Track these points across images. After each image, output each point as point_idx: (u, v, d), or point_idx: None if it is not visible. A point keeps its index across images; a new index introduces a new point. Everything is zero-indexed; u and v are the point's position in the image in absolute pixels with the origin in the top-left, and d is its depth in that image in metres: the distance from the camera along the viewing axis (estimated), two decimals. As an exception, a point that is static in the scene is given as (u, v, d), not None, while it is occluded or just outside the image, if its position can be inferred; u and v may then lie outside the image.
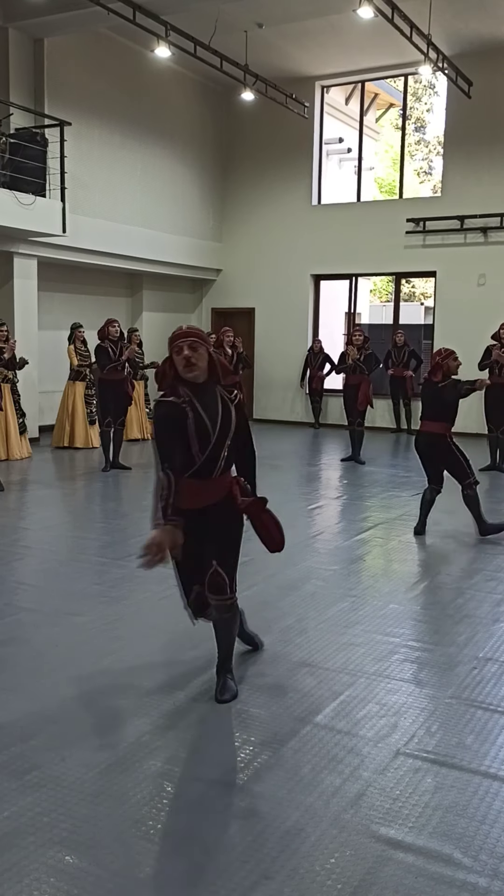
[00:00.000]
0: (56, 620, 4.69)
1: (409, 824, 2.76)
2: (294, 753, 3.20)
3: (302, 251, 14.92)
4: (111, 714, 3.52)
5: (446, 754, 3.22)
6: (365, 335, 10.56)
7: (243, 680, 3.87)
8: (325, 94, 15.18)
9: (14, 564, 5.90)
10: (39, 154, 10.83)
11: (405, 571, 5.94)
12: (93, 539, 6.75)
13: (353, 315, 15.40)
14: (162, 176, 14.14)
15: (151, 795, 2.90)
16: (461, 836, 2.69)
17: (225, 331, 10.53)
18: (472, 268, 13.46)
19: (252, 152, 15.28)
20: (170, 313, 15.25)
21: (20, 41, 11.27)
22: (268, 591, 5.27)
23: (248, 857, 2.57)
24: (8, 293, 11.44)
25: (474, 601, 5.13)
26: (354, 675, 3.96)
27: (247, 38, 11.76)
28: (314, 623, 4.69)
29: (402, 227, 13.99)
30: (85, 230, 11.92)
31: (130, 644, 4.34)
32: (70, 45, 11.85)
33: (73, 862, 2.54)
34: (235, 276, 15.65)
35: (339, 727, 3.42)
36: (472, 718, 3.53)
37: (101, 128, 12.69)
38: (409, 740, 3.33)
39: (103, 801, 2.87)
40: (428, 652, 4.28)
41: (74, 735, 3.33)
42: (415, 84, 21.57)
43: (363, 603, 5.05)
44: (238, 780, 3.01)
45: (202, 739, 3.31)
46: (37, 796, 2.88)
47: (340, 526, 7.33)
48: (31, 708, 3.58)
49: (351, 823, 2.76)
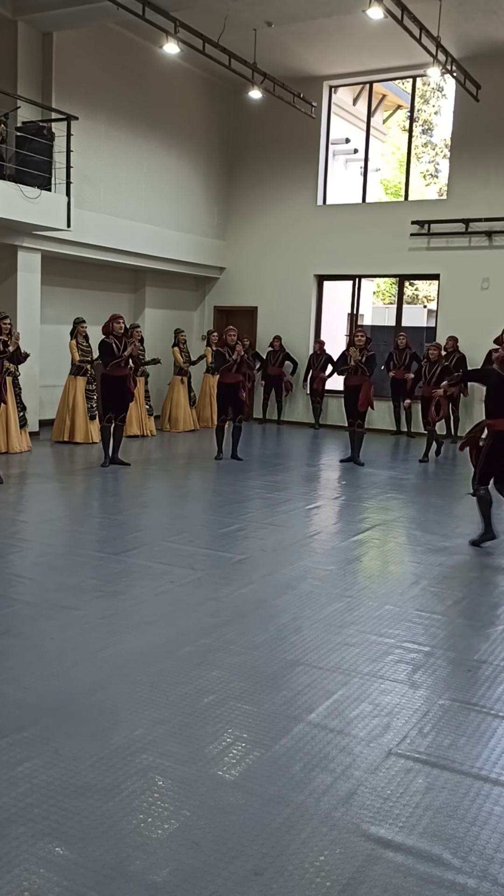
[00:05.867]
0: (52, 614, 4.69)
1: (399, 824, 2.76)
2: (286, 751, 3.21)
3: (306, 251, 14.92)
4: (105, 707, 3.53)
5: (438, 755, 3.23)
6: (367, 336, 10.57)
7: (236, 676, 3.88)
8: (333, 94, 15.18)
9: (11, 557, 5.91)
10: (46, 148, 10.84)
11: (401, 573, 5.95)
12: (90, 533, 6.76)
13: (356, 316, 15.41)
14: (167, 173, 14.14)
15: (142, 789, 2.91)
16: (451, 837, 2.70)
17: (228, 330, 10.53)
18: (476, 271, 13.46)
19: (258, 151, 15.28)
20: (172, 310, 15.26)
21: (29, 35, 11.27)
22: (264, 590, 5.28)
23: (238, 853, 2.57)
24: (11, 286, 11.44)
25: (470, 604, 5.14)
26: (348, 674, 3.97)
27: (255, 36, 11.76)
28: (309, 622, 4.70)
29: (406, 229, 13.99)
30: (89, 225, 11.92)
31: (126, 638, 4.35)
32: (79, 39, 11.85)
33: (63, 853, 2.55)
34: (239, 274, 15.65)
35: (332, 726, 3.43)
36: (464, 720, 3.54)
37: (107, 123, 12.68)
38: (401, 741, 3.33)
39: (95, 793, 2.87)
40: (422, 654, 4.28)
41: (67, 727, 3.34)
42: (423, 86, 21.55)
43: (358, 603, 5.06)
44: (229, 777, 3.02)
45: (194, 735, 3.31)
46: (28, 787, 2.89)
47: (338, 526, 7.34)
48: (24, 700, 3.58)
49: (341, 822, 2.76)
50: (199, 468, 10.26)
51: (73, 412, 11.50)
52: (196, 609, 4.84)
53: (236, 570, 5.71)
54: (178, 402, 13.49)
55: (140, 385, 12.08)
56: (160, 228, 13.77)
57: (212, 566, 5.76)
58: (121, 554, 5.97)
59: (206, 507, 8.05)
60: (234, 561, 5.93)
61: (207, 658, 4.09)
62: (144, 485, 9.12)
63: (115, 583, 5.31)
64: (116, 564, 5.70)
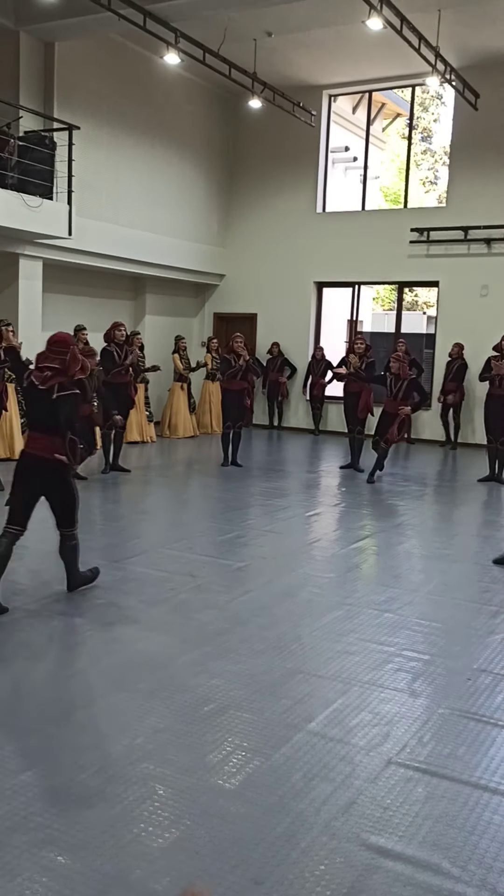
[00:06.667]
0: (52, 621, 4.71)
1: (399, 833, 2.78)
2: (286, 760, 3.23)
3: (305, 258, 14.96)
4: (106, 716, 3.55)
5: (438, 764, 3.24)
6: (367, 343, 10.59)
7: (236, 685, 3.89)
8: (333, 103, 15.24)
9: (11, 564, 5.89)
10: (47, 157, 10.88)
11: (401, 581, 5.96)
12: (91, 540, 6.76)
13: (355, 323, 15.45)
14: (168, 181, 14.19)
15: (143, 798, 2.93)
16: (451, 846, 2.71)
17: (235, 337, 10.59)
18: (476, 279, 13.50)
19: (258, 159, 15.34)
20: (172, 317, 15.29)
21: (31, 45, 11.34)
22: (263, 598, 5.30)
23: (239, 863, 2.59)
24: (13, 294, 11.48)
25: (470, 612, 5.15)
26: (348, 683, 3.99)
27: (255, 46, 11.82)
28: (308, 630, 4.71)
29: (406, 236, 14.03)
30: (91, 233, 11.97)
31: (126, 646, 4.36)
32: (80, 49, 11.91)
33: (65, 862, 2.56)
34: (238, 281, 15.69)
35: (332, 735, 3.44)
36: (464, 729, 3.55)
37: (109, 132, 12.74)
38: (401, 750, 3.35)
39: (96, 802, 2.89)
40: (422, 662, 4.30)
41: (69, 736, 3.35)
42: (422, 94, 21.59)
43: (358, 611, 5.08)
44: (229, 786, 3.03)
45: (195, 743, 3.33)
46: (30, 796, 2.91)
47: (338, 534, 7.36)
48: (25, 708, 3.60)
49: (341, 831, 2.78)
50: (199, 475, 10.28)
51: (73, 419, 11.50)
52: (196, 617, 4.86)
53: (236, 578, 5.73)
54: (178, 408, 13.51)
55: (140, 391, 12.10)
56: (160, 236, 13.82)
57: (212, 573, 5.78)
58: (121, 561, 5.98)
59: (206, 513, 8.06)
60: (233, 568, 5.95)
61: (207, 666, 4.11)
62: (144, 491, 9.14)
63: (116, 590, 5.33)
64: (116, 572, 5.71)
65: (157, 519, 7.83)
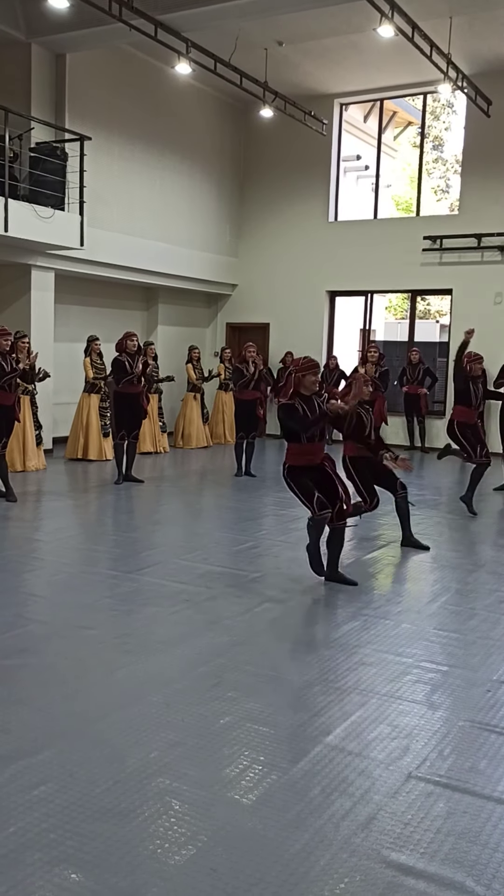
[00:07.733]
0: (66, 633, 4.67)
1: (420, 850, 2.71)
2: (304, 774, 3.16)
3: (318, 267, 14.94)
4: (120, 729, 3.49)
5: (459, 779, 3.17)
6: (380, 352, 10.53)
7: (252, 697, 3.83)
8: (344, 112, 15.25)
9: (26, 576, 5.89)
10: (59, 168, 10.93)
11: (418, 591, 5.89)
12: (104, 552, 6.74)
13: (368, 332, 15.40)
14: (180, 191, 14.22)
15: (159, 813, 2.87)
16: (474, 864, 2.64)
17: (247, 346, 10.56)
18: (489, 286, 13.44)
19: (270, 168, 15.36)
20: (185, 327, 15.30)
21: (42, 56, 11.40)
22: (278, 608, 5.24)
23: (257, 881, 2.53)
24: (25, 305, 11.51)
25: (488, 622, 5.07)
26: (366, 695, 3.92)
27: (266, 55, 11.84)
28: (325, 641, 4.65)
29: (418, 244, 13.99)
30: (102, 244, 11.99)
31: (140, 658, 4.31)
32: (92, 60, 11.97)
33: (78, 880, 2.51)
34: (251, 291, 15.69)
35: (350, 748, 3.38)
36: (485, 742, 3.47)
37: (120, 143, 12.79)
38: (420, 763, 3.28)
39: (111, 818, 2.83)
40: (441, 673, 4.22)
41: (83, 750, 3.30)
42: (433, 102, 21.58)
43: (375, 622, 5.01)
44: (246, 801, 2.97)
45: (210, 757, 3.27)
46: (44, 812, 2.85)
47: (353, 543, 7.28)
48: (39, 721, 3.55)
49: (361, 848, 2.71)
50: (213, 485, 10.23)
51: (86, 429, 11.51)
52: (211, 628, 4.81)
53: (251, 588, 5.67)
54: (192, 418, 13.49)
55: (153, 402, 12.10)
56: (173, 246, 13.84)
57: (226, 584, 5.73)
58: (135, 572, 5.94)
59: (220, 524, 8.01)
60: (248, 579, 5.89)
61: (223, 678, 4.05)
62: (158, 502, 9.10)
63: (130, 601, 5.28)
64: (131, 583, 5.67)
65: (170, 529, 7.78)
